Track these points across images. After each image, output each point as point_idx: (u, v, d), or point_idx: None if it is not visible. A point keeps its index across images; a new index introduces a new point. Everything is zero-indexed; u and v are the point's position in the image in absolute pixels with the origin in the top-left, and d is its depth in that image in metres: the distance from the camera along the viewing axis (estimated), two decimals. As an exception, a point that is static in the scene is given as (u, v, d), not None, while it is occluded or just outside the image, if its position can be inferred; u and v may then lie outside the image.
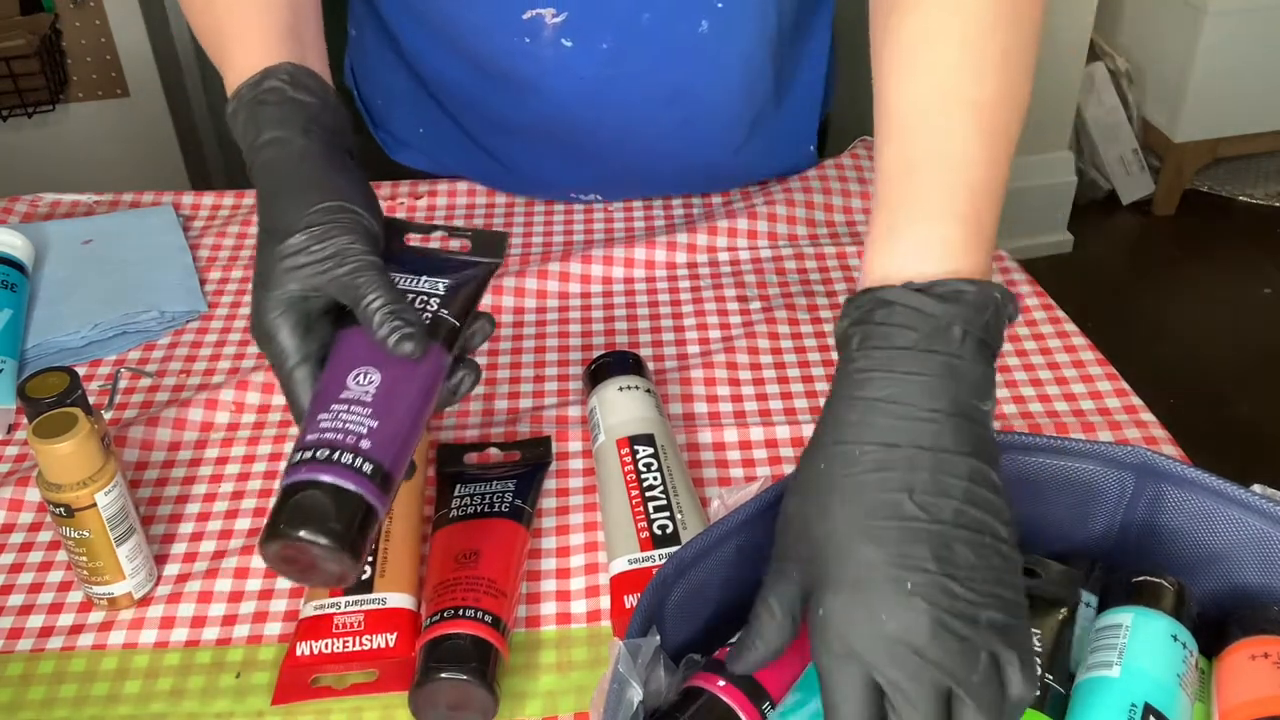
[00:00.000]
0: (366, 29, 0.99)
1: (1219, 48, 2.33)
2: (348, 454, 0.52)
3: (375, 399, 0.54)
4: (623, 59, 0.85)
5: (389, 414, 0.53)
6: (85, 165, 1.85)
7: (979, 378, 0.49)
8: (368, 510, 0.51)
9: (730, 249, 0.96)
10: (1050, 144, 2.35)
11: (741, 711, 0.50)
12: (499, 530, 0.68)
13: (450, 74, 0.92)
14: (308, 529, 0.50)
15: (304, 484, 0.51)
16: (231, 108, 0.64)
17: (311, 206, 0.57)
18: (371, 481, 0.52)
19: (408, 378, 0.55)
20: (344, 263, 0.56)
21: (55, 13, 1.75)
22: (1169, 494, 0.58)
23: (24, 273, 0.90)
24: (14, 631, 0.68)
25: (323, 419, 0.53)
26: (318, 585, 0.53)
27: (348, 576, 0.52)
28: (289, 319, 0.57)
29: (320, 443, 0.52)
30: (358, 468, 0.51)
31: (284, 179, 0.60)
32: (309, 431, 0.53)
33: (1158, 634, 0.52)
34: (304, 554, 0.50)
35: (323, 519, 0.50)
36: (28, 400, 0.69)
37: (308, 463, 0.52)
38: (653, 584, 0.51)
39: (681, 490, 0.70)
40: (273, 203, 0.59)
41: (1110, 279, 2.42)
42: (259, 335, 0.57)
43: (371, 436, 0.52)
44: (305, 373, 0.57)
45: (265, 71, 0.63)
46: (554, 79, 0.87)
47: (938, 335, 0.49)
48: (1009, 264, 0.94)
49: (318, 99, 0.63)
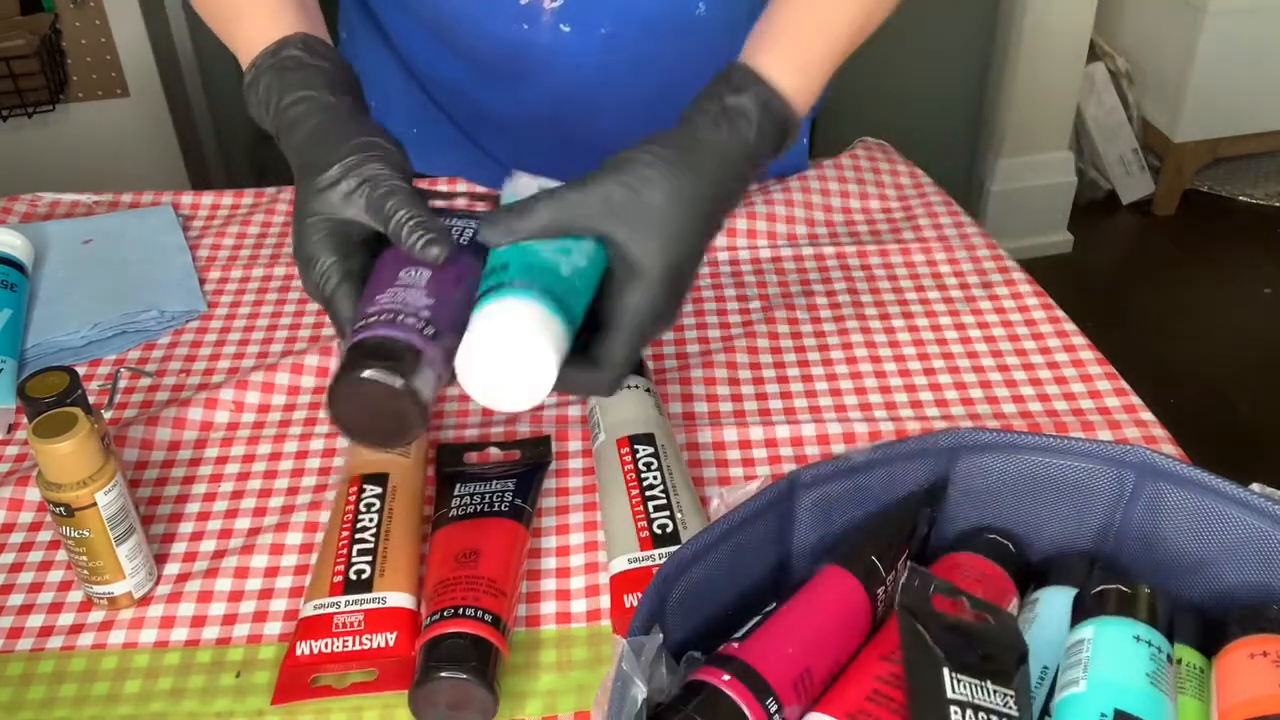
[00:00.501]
0: (358, 30, 0.99)
1: (1219, 48, 2.33)
2: (410, 317, 0.55)
3: (429, 285, 0.57)
4: (621, 44, 0.85)
5: (442, 298, 0.57)
6: (85, 165, 1.85)
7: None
8: (430, 365, 0.54)
9: (730, 249, 0.96)
10: (1050, 144, 2.35)
11: (744, 704, 0.50)
12: (499, 530, 0.68)
13: (445, 70, 0.92)
14: (378, 368, 0.52)
15: (371, 338, 0.54)
16: (250, 76, 0.67)
17: (344, 143, 0.60)
18: (436, 343, 0.54)
19: (454, 277, 0.59)
20: (377, 187, 0.59)
21: (55, 13, 1.75)
22: (1168, 493, 0.58)
23: (24, 272, 0.90)
24: (14, 631, 0.68)
25: (381, 298, 0.56)
26: (379, 444, 0.56)
27: (413, 427, 0.54)
28: (329, 243, 0.60)
29: (383, 310, 0.55)
30: (421, 329, 0.54)
31: (317, 127, 0.63)
32: (369, 306, 0.56)
33: (1120, 639, 0.52)
34: (374, 397, 0.52)
35: (395, 358, 0.53)
36: (28, 400, 0.69)
37: (372, 325, 0.55)
38: (654, 582, 0.52)
39: (681, 489, 0.70)
40: (309, 148, 0.62)
41: (1110, 279, 2.42)
42: (301, 259, 0.60)
43: (431, 309, 0.56)
44: (347, 289, 0.60)
45: (281, 41, 0.66)
46: (551, 67, 0.87)
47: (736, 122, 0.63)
48: (1009, 264, 0.95)
49: (334, 64, 0.67)
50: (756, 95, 0.64)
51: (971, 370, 0.84)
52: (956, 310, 0.90)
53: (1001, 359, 0.85)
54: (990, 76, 2.28)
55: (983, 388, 0.83)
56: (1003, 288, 0.92)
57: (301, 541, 0.72)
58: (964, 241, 0.97)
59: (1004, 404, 0.81)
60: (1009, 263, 0.95)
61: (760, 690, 0.51)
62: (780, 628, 0.54)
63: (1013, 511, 0.61)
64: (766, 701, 0.51)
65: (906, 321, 0.89)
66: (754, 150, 0.64)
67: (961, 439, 0.60)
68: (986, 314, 0.89)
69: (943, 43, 2.22)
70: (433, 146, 1.01)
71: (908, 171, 1.07)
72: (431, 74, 0.94)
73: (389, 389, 0.52)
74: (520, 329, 0.55)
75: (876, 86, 2.17)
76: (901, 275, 0.94)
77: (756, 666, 0.51)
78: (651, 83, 0.88)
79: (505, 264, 0.58)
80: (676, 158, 0.61)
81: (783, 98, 0.65)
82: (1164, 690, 0.51)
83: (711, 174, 0.62)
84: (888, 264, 0.95)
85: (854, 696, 0.52)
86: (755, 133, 0.63)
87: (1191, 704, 0.53)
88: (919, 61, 2.21)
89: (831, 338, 0.87)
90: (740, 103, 0.63)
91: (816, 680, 0.53)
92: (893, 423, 0.80)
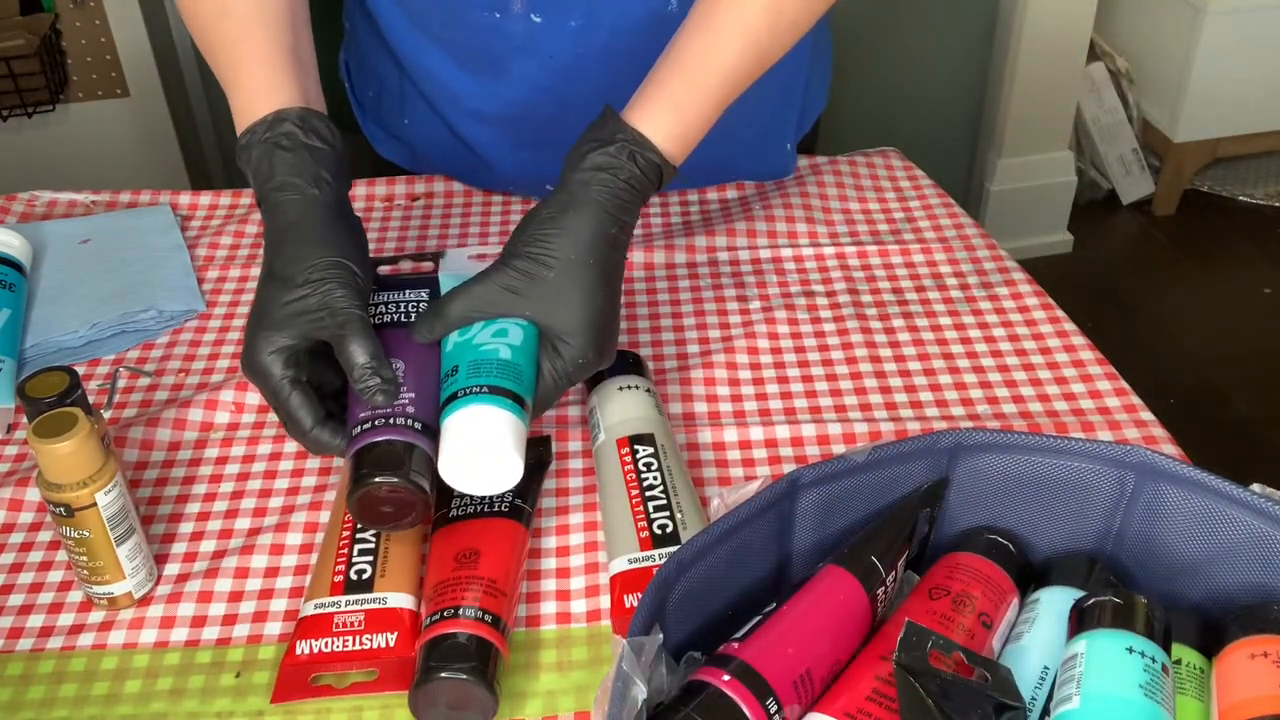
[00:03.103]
0: (359, 22, 1.00)
1: (1219, 48, 2.33)
2: (399, 418, 0.64)
3: (407, 378, 0.66)
4: (592, 37, 0.86)
5: (420, 387, 0.66)
6: (85, 165, 1.85)
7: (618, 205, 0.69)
8: (426, 457, 0.63)
9: (730, 249, 0.96)
10: (1050, 144, 2.35)
11: (744, 705, 0.50)
12: (499, 530, 0.68)
13: (426, 61, 0.93)
14: (387, 473, 0.62)
15: (372, 444, 0.63)
16: (244, 142, 0.71)
17: (313, 260, 0.66)
18: (423, 435, 0.64)
19: (425, 360, 0.68)
20: (335, 316, 0.65)
21: (55, 13, 1.75)
22: (1169, 493, 0.58)
23: (22, 272, 0.90)
24: (14, 631, 0.68)
25: None
26: (397, 528, 0.64)
27: (422, 511, 0.64)
28: (280, 356, 0.65)
29: (375, 415, 0.64)
30: (411, 425, 0.64)
31: (292, 227, 0.68)
32: (360, 411, 0.65)
33: (1111, 652, 0.52)
34: (387, 496, 0.62)
35: (397, 464, 0.62)
36: (28, 400, 0.69)
37: (368, 431, 0.64)
38: (654, 583, 0.51)
39: (681, 490, 0.70)
40: (280, 248, 0.68)
41: (1110, 279, 2.42)
42: (251, 369, 0.66)
43: (413, 404, 0.65)
44: (299, 396, 0.66)
45: (279, 114, 0.71)
46: (523, 58, 0.87)
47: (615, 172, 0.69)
48: (1009, 264, 0.95)
49: (327, 144, 0.71)
50: (622, 148, 0.69)
51: (971, 370, 0.84)
52: (956, 310, 0.90)
53: (1001, 359, 0.85)
54: (990, 76, 2.28)
55: (983, 388, 0.83)
56: (1003, 288, 0.92)
57: (301, 541, 0.72)
58: (964, 241, 0.97)
59: (1004, 404, 0.81)
60: (1009, 263, 0.95)
61: (760, 690, 0.51)
62: (780, 628, 0.54)
63: (1013, 511, 0.61)
64: (766, 702, 0.51)
65: (906, 321, 0.89)
66: (627, 198, 0.69)
67: (961, 439, 0.60)
68: (986, 314, 0.89)
69: (943, 43, 2.22)
70: (421, 138, 1.02)
71: (908, 172, 1.07)
72: (415, 65, 0.94)
73: (396, 488, 0.62)
74: (481, 440, 0.63)
75: (876, 87, 2.17)
76: (901, 275, 0.94)
77: (756, 666, 0.51)
78: (625, 76, 0.88)
79: (455, 367, 0.66)
80: (557, 231, 0.68)
81: (651, 144, 0.70)
82: (1158, 701, 0.50)
83: (592, 231, 0.68)
84: (888, 264, 0.95)
85: (854, 696, 0.52)
86: (625, 186, 0.69)
87: (1191, 704, 0.53)
88: (919, 61, 2.21)
89: (831, 338, 0.87)
90: (607, 159, 0.69)
91: (816, 680, 0.53)
92: (893, 423, 0.80)
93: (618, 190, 0.69)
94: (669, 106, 0.72)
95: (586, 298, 0.67)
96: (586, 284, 0.67)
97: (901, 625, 0.53)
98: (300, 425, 0.66)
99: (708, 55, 0.73)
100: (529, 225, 0.69)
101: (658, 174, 0.71)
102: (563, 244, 0.67)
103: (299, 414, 0.66)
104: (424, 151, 1.03)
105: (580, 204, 0.68)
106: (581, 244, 0.67)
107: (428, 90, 0.96)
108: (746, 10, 0.73)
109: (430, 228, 1.01)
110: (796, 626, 0.54)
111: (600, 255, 0.68)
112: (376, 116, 1.05)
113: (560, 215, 0.68)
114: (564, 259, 0.67)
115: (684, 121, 0.72)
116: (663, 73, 0.73)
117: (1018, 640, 0.57)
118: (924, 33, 2.18)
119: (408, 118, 1.01)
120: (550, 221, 0.68)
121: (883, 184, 1.05)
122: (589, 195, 0.69)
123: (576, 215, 0.68)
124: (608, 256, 0.68)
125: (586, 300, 0.67)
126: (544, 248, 0.67)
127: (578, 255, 0.67)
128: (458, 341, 0.68)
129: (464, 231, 1.00)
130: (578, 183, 0.69)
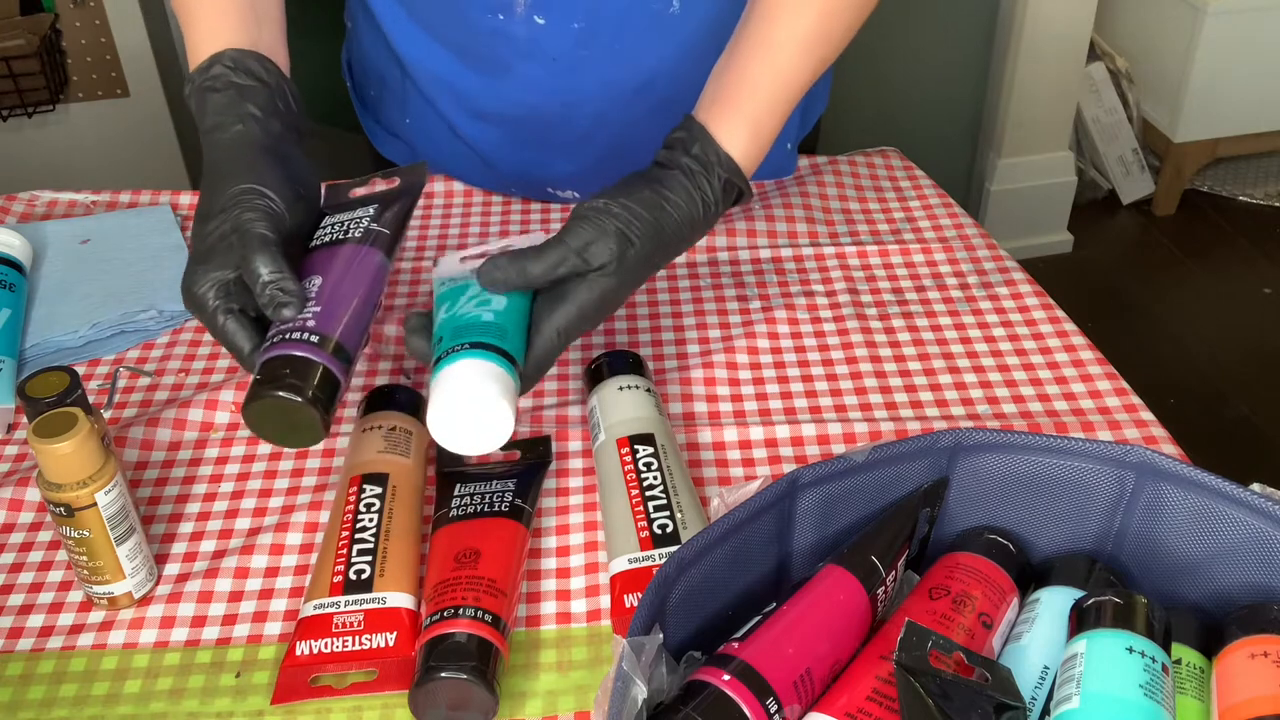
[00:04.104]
0: (360, 20, 1.00)
1: (1219, 48, 2.33)
2: (296, 332, 0.65)
3: (320, 293, 0.67)
4: (594, 39, 0.86)
5: (332, 302, 0.66)
6: (85, 165, 1.85)
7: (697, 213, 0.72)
8: (322, 370, 0.64)
9: (730, 249, 0.96)
10: (1050, 144, 2.35)
11: (745, 704, 0.50)
12: (499, 530, 0.68)
13: (428, 60, 0.93)
14: (272, 387, 0.62)
15: (269, 360, 0.64)
16: (186, 91, 0.74)
17: (226, 190, 0.68)
18: (319, 349, 0.64)
19: (344, 275, 0.69)
20: (240, 236, 0.66)
21: (55, 13, 1.75)
22: (1169, 493, 0.58)
23: (22, 272, 0.90)
24: (14, 631, 0.68)
25: None
26: (295, 444, 0.65)
27: (314, 428, 0.63)
28: (212, 287, 0.67)
29: (277, 330, 0.65)
30: (307, 339, 0.64)
31: (213, 166, 0.70)
32: (270, 330, 0.66)
33: (1111, 652, 0.52)
34: (275, 408, 0.62)
35: (278, 379, 0.63)
36: (28, 400, 0.69)
37: (268, 347, 0.65)
38: (654, 582, 0.51)
39: (681, 489, 0.70)
40: (204, 189, 0.70)
41: (1110, 279, 2.42)
42: (189, 300, 0.68)
43: (317, 318, 0.65)
44: (233, 322, 0.67)
45: (212, 58, 0.73)
46: (527, 59, 0.87)
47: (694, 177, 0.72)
48: (1009, 264, 0.95)
49: (258, 81, 0.72)
50: (719, 174, 0.72)
51: (971, 370, 0.84)
52: (956, 310, 0.90)
53: (1001, 359, 0.85)
54: (990, 76, 2.28)
55: (983, 388, 0.83)
56: (1003, 288, 0.92)
57: (301, 541, 0.72)
58: (964, 242, 0.97)
59: (1004, 404, 0.81)
60: (1009, 263, 0.95)
61: (760, 690, 0.51)
62: (780, 628, 0.54)
63: (1013, 511, 0.61)
64: (767, 701, 0.51)
65: (906, 321, 0.89)
66: (705, 221, 0.72)
67: (961, 439, 0.60)
68: (986, 314, 0.89)
69: (943, 43, 2.22)
70: (423, 137, 1.01)
71: (908, 172, 1.07)
72: (417, 64, 0.94)
73: (280, 401, 0.62)
74: (465, 390, 0.63)
75: (877, 86, 2.17)
76: (901, 275, 0.94)
77: (757, 666, 0.51)
78: (629, 77, 0.88)
79: (440, 338, 0.67)
80: (636, 225, 0.69)
81: (739, 170, 0.73)
82: (1158, 700, 0.51)
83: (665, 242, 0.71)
84: (888, 264, 0.95)
85: (854, 696, 0.52)
86: (710, 208, 0.72)
87: (1191, 704, 0.53)
88: (919, 61, 2.21)
89: (831, 338, 0.87)
90: (703, 186, 0.72)
91: (817, 680, 0.53)
92: (893, 423, 0.80)
93: (696, 210, 0.71)
94: (745, 126, 0.73)
95: (622, 291, 0.69)
96: (629, 283, 0.70)
97: (901, 625, 0.53)
98: (238, 351, 0.67)
99: (775, 75, 0.74)
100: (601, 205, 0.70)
101: (735, 198, 0.74)
102: (641, 246, 0.69)
103: (235, 339, 0.67)
104: (425, 151, 1.03)
105: (666, 214, 0.70)
106: (651, 257, 0.70)
107: (429, 89, 0.96)
108: (802, 23, 0.74)
109: (430, 227, 1.01)
110: (796, 626, 0.54)
111: (651, 268, 0.70)
112: (378, 115, 1.05)
113: (648, 216, 0.70)
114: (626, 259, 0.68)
115: (759, 142, 0.74)
116: (728, 90, 0.74)
117: (1018, 640, 0.57)
118: (924, 33, 2.18)
119: (409, 117, 1.01)
120: (637, 218, 0.69)
121: (883, 184, 1.05)
122: (678, 204, 0.71)
123: (661, 225, 0.70)
124: (653, 267, 0.71)
125: (620, 293, 0.69)
126: (619, 242, 0.69)
127: (641, 265, 0.70)
128: (443, 317, 0.68)
129: (464, 231, 1.00)
130: (658, 171, 0.71)
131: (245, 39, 0.74)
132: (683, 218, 0.71)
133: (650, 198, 0.70)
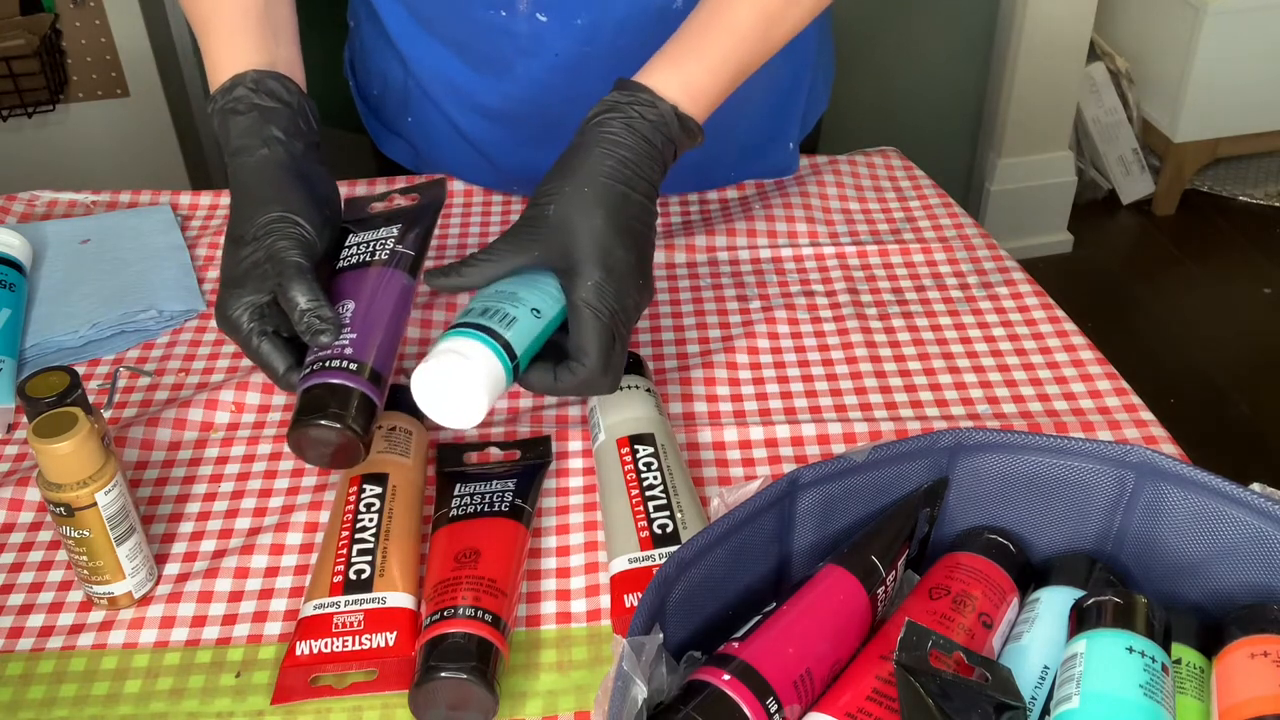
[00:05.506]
0: (363, 19, 1.00)
1: (1219, 48, 2.33)
2: (336, 360, 0.67)
3: (354, 318, 0.69)
4: (598, 35, 0.86)
5: (365, 328, 0.69)
6: (85, 165, 1.85)
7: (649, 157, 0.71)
8: (361, 397, 0.66)
9: (730, 249, 0.96)
10: (1050, 144, 2.35)
11: (745, 704, 0.50)
12: (499, 529, 0.68)
13: (430, 58, 0.93)
14: (315, 416, 0.64)
15: (309, 388, 0.66)
16: (209, 110, 0.75)
17: (258, 218, 0.70)
18: (358, 376, 0.66)
19: (374, 300, 0.71)
20: (276, 265, 0.68)
21: (55, 13, 1.75)
22: (1169, 493, 0.58)
23: (22, 272, 0.90)
24: (14, 631, 0.68)
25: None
26: (337, 467, 0.68)
27: (356, 453, 0.66)
28: (246, 310, 0.69)
29: (316, 358, 0.67)
30: (345, 368, 0.66)
31: (243, 190, 0.72)
32: (308, 355, 0.68)
33: (1111, 652, 0.52)
34: (318, 436, 0.65)
35: (321, 408, 0.65)
36: (28, 400, 0.69)
37: (308, 375, 0.67)
38: (654, 582, 0.52)
39: (681, 489, 0.70)
40: (235, 210, 0.72)
41: (1110, 279, 2.42)
42: (223, 323, 0.70)
43: (353, 345, 0.68)
44: (269, 344, 0.70)
45: (234, 79, 0.74)
46: (529, 56, 0.87)
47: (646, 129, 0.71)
48: (1009, 264, 0.95)
49: (280, 102, 0.74)
50: (627, 95, 0.71)
51: (971, 370, 0.84)
52: (956, 310, 0.90)
53: (1001, 359, 0.85)
54: (990, 76, 2.28)
55: (983, 388, 0.83)
56: (1003, 288, 0.92)
57: (301, 541, 0.72)
58: (964, 241, 0.97)
59: (1004, 404, 0.81)
60: (1009, 263, 0.95)
61: (760, 690, 0.51)
62: (780, 628, 0.54)
63: (1013, 511, 0.61)
64: (767, 701, 0.51)
65: (906, 321, 0.89)
66: (627, 138, 0.70)
67: (961, 439, 0.60)
68: (986, 314, 0.89)
69: (943, 43, 2.22)
70: (425, 137, 1.02)
71: (908, 172, 1.07)
72: (420, 62, 0.94)
73: (324, 430, 0.65)
74: (448, 361, 0.64)
75: (877, 86, 2.17)
76: (901, 275, 0.94)
77: (757, 666, 0.51)
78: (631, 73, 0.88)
79: (470, 309, 0.68)
80: (556, 173, 0.70)
81: (658, 94, 0.71)
82: (1158, 700, 0.51)
83: (588, 166, 0.69)
84: (888, 264, 0.95)
85: (854, 696, 0.52)
86: (624, 126, 0.70)
87: (1191, 704, 0.53)
88: (919, 61, 2.21)
89: (831, 338, 0.87)
90: (607, 107, 0.71)
91: (817, 680, 0.53)
92: (893, 423, 0.80)
93: (616, 130, 0.70)
94: (675, 61, 0.73)
95: (583, 220, 0.68)
96: (583, 208, 0.68)
97: (901, 625, 0.53)
98: (273, 372, 0.70)
99: (715, 14, 0.74)
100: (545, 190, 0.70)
101: (670, 120, 0.71)
102: (558, 183, 0.69)
103: (270, 360, 0.69)
104: (427, 149, 1.03)
105: (577, 146, 0.70)
106: (577, 177, 0.69)
107: (432, 87, 0.96)
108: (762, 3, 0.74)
109: (430, 228, 1.01)
110: (797, 626, 0.54)
111: (597, 185, 0.69)
112: (380, 114, 1.05)
113: (560, 161, 0.70)
114: (559, 193, 0.69)
115: (690, 73, 0.73)
116: (671, 39, 0.75)
117: (1018, 640, 0.57)
118: (924, 33, 2.18)
119: (411, 115, 1.01)
120: (553, 170, 0.70)
121: (883, 184, 1.05)
122: (586, 138, 0.70)
123: (574, 155, 0.70)
124: (607, 187, 0.69)
125: (583, 223, 0.68)
126: (543, 190, 0.69)
127: (572, 187, 0.69)
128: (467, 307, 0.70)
129: (464, 231, 1.00)
130: (580, 133, 0.71)
131: (264, 58, 0.75)
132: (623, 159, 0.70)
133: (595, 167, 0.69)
